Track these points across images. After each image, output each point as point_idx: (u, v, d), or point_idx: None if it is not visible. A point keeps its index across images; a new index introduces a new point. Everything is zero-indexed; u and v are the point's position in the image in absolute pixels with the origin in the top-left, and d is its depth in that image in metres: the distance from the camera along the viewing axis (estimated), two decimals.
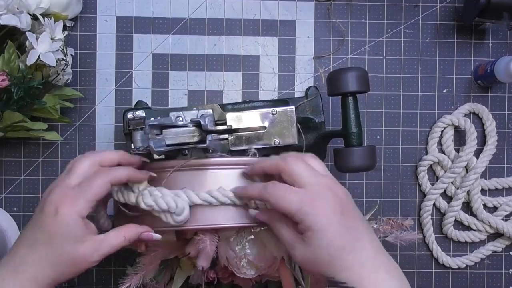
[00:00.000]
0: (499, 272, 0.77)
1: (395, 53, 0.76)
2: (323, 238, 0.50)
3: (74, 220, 0.52)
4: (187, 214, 0.55)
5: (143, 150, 0.63)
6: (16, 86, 0.63)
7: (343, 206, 0.52)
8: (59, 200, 0.52)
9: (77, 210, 0.52)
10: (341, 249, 0.50)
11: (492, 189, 0.76)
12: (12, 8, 0.63)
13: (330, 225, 0.50)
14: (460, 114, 0.75)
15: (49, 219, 0.52)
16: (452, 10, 0.76)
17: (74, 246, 0.52)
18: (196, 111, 0.66)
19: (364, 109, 0.75)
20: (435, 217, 0.76)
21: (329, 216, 0.50)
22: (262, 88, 0.75)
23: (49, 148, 0.74)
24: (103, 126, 0.74)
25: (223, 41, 0.75)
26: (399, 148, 0.76)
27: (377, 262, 0.51)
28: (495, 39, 0.76)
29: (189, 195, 0.55)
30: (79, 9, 0.72)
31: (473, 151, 0.74)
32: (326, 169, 0.56)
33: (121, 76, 0.75)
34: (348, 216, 0.51)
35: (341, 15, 0.76)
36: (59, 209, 0.52)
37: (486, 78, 0.73)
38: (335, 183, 0.54)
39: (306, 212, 0.50)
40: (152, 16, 0.75)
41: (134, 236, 0.55)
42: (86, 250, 0.52)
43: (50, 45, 0.64)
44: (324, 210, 0.50)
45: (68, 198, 0.52)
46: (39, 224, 0.53)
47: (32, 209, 0.74)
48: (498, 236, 0.77)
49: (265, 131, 0.65)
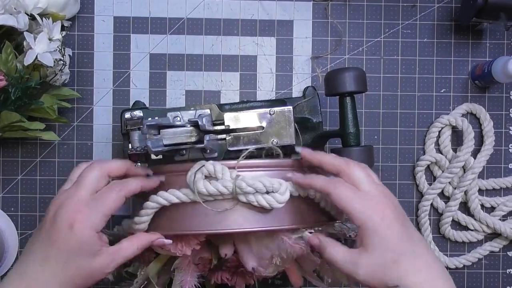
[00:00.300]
0: (497, 272, 0.77)
1: (393, 53, 0.76)
2: (388, 242, 0.50)
3: (90, 235, 0.51)
4: (288, 194, 0.56)
5: (141, 150, 0.63)
6: (13, 86, 0.63)
7: (400, 214, 0.53)
8: (73, 216, 0.51)
9: (93, 226, 0.51)
10: (404, 254, 0.50)
11: (489, 189, 0.76)
12: (10, 8, 0.63)
13: (393, 229, 0.51)
14: (457, 114, 0.76)
15: (63, 235, 0.51)
16: (450, 11, 0.76)
17: (90, 260, 0.51)
18: (193, 111, 0.66)
19: (362, 109, 0.75)
20: (432, 217, 0.76)
21: (392, 221, 0.51)
22: (260, 88, 0.75)
23: (47, 148, 0.74)
24: (101, 126, 0.74)
25: (220, 41, 0.75)
26: (396, 148, 0.76)
27: (434, 269, 0.52)
28: (493, 39, 0.77)
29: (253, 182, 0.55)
30: (77, 9, 0.72)
31: (470, 151, 0.74)
32: (379, 179, 0.57)
33: (119, 76, 0.75)
34: (406, 223, 0.53)
35: (339, 15, 0.76)
36: (74, 225, 0.51)
37: (484, 78, 0.74)
38: (390, 192, 0.55)
39: (369, 216, 0.51)
40: (150, 16, 0.75)
41: (146, 244, 0.55)
42: (102, 263, 0.52)
43: (47, 45, 0.64)
44: (387, 216, 0.51)
45: (83, 213, 0.51)
46: (51, 240, 0.51)
47: (30, 209, 0.74)
48: (495, 236, 0.77)
49: (263, 131, 0.65)
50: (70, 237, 0.51)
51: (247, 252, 0.60)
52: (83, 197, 0.53)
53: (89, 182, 0.53)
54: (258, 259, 0.60)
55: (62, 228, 0.51)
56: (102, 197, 0.53)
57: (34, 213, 0.74)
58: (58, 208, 0.52)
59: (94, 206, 0.52)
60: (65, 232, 0.51)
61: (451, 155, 0.75)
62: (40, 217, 0.74)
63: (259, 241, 0.59)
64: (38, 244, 0.52)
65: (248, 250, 0.59)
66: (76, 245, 0.51)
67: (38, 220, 0.74)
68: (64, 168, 0.74)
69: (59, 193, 0.55)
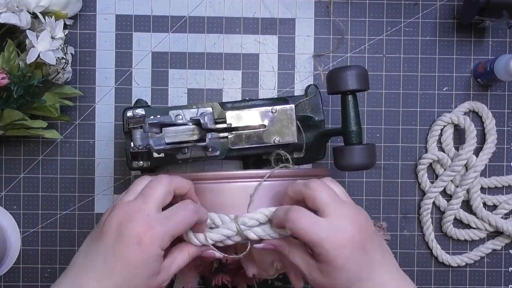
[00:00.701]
0: (499, 270, 0.77)
1: (395, 51, 0.76)
2: (341, 272, 0.50)
3: (157, 254, 0.49)
4: None
5: (143, 149, 0.63)
6: (16, 85, 0.63)
7: (363, 236, 0.52)
8: (143, 232, 0.48)
9: (161, 245, 0.49)
10: (359, 281, 0.50)
11: (491, 187, 0.76)
12: (12, 6, 0.63)
13: (350, 260, 0.50)
14: (459, 112, 0.76)
15: (131, 250, 0.48)
16: (452, 8, 0.76)
17: (153, 278, 0.50)
18: (195, 110, 0.66)
19: (364, 107, 0.75)
20: (434, 215, 0.76)
21: (349, 252, 0.50)
22: (262, 87, 0.75)
23: (49, 146, 0.74)
24: (103, 124, 0.74)
25: (222, 39, 0.75)
26: (398, 146, 0.76)
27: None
28: (495, 37, 0.76)
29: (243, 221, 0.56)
30: (79, 7, 0.72)
31: (472, 149, 0.74)
32: (346, 193, 0.56)
33: (121, 75, 0.75)
34: (368, 247, 0.52)
35: (341, 13, 0.76)
36: (143, 241, 0.48)
37: (486, 76, 0.73)
38: (356, 209, 0.54)
39: (327, 248, 0.50)
40: (152, 14, 0.75)
41: (197, 254, 0.55)
42: (162, 279, 0.51)
43: (50, 44, 0.64)
44: (346, 247, 0.50)
45: (154, 230, 0.49)
46: (116, 255, 0.48)
47: (32, 207, 0.74)
48: (497, 234, 0.77)
49: (265, 129, 0.65)
50: (138, 253, 0.48)
51: (247, 259, 0.60)
52: (152, 212, 0.50)
53: (157, 196, 0.51)
54: (259, 265, 0.60)
55: (130, 243, 0.48)
56: (175, 218, 0.51)
57: (36, 211, 0.74)
58: (124, 221, 0.49)
59: (164, 224, 0.50)
60: (133, 247, 0.48)
61: (453, 153, 0.75)
62: (42, 215, 0.74)
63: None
64: (98, 258, 0.49)
65: (249, 256, 0.59)
66: (143, 263, 0.49)
67: (41, 218, 0.74)
68: (66, 166, 0.74)
69: (121, 204, 0.52)
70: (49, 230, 0.74)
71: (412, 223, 0.76)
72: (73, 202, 0.74)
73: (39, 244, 0.74)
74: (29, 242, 0.74)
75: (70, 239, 0.74)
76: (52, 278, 0.74)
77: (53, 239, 0.74)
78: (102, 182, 0.74)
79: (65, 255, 0.74)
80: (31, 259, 0.74)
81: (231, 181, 0.59)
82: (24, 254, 0.74)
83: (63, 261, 0.74)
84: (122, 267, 0.48)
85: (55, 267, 0.74)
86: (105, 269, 0.48)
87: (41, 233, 0.74)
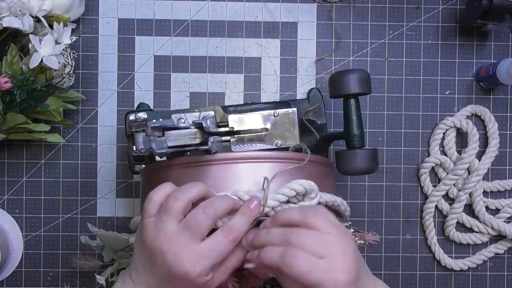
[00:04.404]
0: (502, 274, 0.76)
1: (397, 55, 0.76)
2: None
3: (206, 281, 0.52)
4: None
5: (145, 152, 0.63)
6: (19, 89, 0.63)
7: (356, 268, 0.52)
8: (192, 269, 0.51)
9: (208, 273, 0.52)
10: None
11: (494, 191, 0.76)
12: (15, 10, 0.63)
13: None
14: (462, 116, 0.75)
15: (182, 283, 0.52)
16: (454, 12, 0.76)
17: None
18: (198, 113, 0.66)
19: (366, 111, 0.75)
20: (437, 219, 0.76)
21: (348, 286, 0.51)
22: (264, 90, 0.76)
23: (51, 150, 0.74)
24: (105, 128, 0.75)
25: (225, 43, 0.75)
26: (401, 150, 0.76)
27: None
28: (497, 41, 0.76)
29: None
30: (81, 11, 0.72)
31: (475, 153, 0.74)
32: (337, 220, 0.55)
33: (123, 78, 0.75)
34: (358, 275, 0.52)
35: (343, 17, 0.76)
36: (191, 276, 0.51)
37: (488, 80, 0.73)
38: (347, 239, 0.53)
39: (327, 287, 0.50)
40: (154, 18, 0.75)
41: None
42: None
43: (53, 48, 0.64)
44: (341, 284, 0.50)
45: (200, 265, 0.51)
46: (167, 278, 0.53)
47: (34, 211, 0.74)
48: (500, 238, 0.76)
49: (267, 133, 0.65)
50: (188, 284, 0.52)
51: None
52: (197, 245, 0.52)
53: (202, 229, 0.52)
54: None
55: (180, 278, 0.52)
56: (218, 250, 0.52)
57: (39, 215, 0.74)
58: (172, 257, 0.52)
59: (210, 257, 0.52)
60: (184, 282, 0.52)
61: (455, 157, 0.75)
62: (44, 219, 0.74)
63: None
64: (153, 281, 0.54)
65: None
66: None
67: (43, 222, 0.74)
68: (68, 170, 0.74)
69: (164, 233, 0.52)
70: (51, 234, 0.74)
71: (415, 226, 0.76)
72: (76, 205, 0.74)
73: (41, 247, 0.74)
74: (31, 245, 0.74)
75: (72, 243, 0.74)
76: (54, 282, 0.74)
77: (56, 242, 0.74)
78: (105, 185, 0.75)
79: (67, 259, 0.74)
80: (33, 263, 0.74)
81: (239, 162, 0.58)
82: (26, 258, 0.74)
83: (65, 265, 0.74)
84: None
85: (57, 271, 0.74)
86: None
87: (43, 237, 0.74)
